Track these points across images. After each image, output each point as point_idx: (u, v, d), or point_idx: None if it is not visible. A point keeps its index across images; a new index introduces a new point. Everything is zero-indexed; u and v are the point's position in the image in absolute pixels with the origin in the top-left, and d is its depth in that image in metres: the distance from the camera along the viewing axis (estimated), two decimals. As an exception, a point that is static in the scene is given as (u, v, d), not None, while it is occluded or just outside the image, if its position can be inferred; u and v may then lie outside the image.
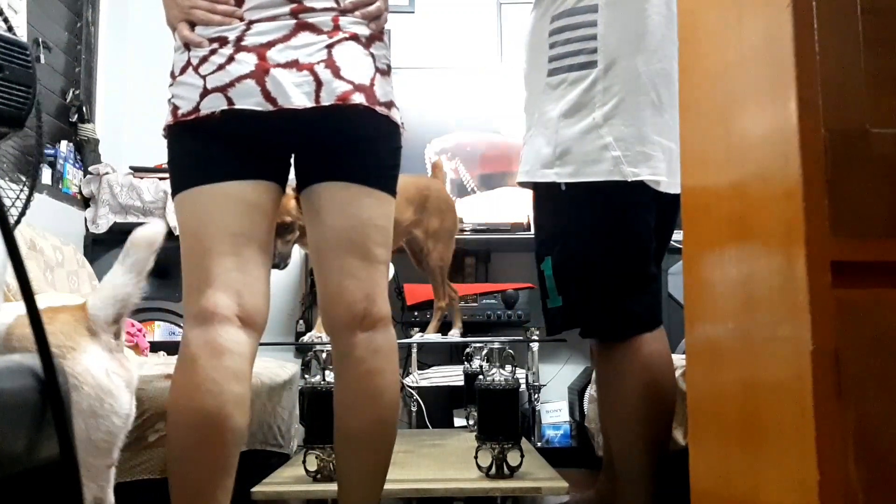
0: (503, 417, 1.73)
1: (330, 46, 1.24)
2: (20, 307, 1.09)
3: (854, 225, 0.91)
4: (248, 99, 1.20)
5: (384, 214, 1.31)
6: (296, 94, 1.21)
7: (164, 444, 1.22)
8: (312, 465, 1.70)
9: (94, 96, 3.18)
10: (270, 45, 1.22)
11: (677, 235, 2.74)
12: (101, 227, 2.88)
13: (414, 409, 2.68)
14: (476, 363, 2.31)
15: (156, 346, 2.60)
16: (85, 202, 2.95)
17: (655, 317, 1.69)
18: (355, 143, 1.29)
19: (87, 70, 3.09)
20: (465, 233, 3.05)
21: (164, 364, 1.75)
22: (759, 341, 1.03)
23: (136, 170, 2.99)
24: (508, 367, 1.80)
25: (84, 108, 2.98)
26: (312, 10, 1.25)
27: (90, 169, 2.95)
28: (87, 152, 2.98)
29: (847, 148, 0.92)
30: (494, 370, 1.79)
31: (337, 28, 1.26)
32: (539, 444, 2.68)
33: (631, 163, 1.59)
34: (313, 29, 1.24)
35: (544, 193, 1.68)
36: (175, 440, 1.15)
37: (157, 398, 1.42)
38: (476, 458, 1.73)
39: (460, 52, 3.45)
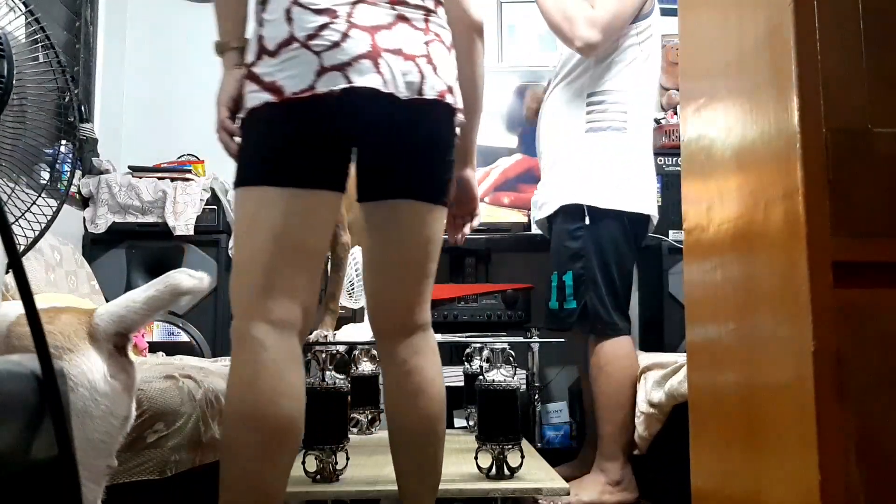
0: (503, 418, 1.73)
1: (427, 43, 1.26)
2: (21, 307, 1.08)
3: (856, 225, 0.91)
4: (366, 77, 1.18)
5: (441, 229, 1.37)
6: (402, 83, 1.21)
7: (223, 447, 1.18)
8: (312, 466, 1.70)
9: (93, 96, 3.18)
10: (377, 28, 1.21)
11: (678, 235, 2.75)
12: (100, 226, 2.88)
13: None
14: (476, 363, 2.30)
15: (155, 347, 2.60)
16: (83, 202, 2.94)
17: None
18: (437, 146, 1.30)
19: (85, 69, 3.09)
20: (465, 233, 3.04)
21: (163, 364, 1.75)
22: (760, 342, 1.03)
23: (135, 169, 2.99)
24: (508, 368, 1.80)
25: (83, 108, 2.97)
26: (407, 4, 1.25)
27: (93, 160, 2.95)
28: (85, 152, 2.98)
29: (848, 147, 0.92)
30: (494, 370, 1.79)
31: (428, 28, 1.27)
32: (539, 444, 2.68)
33: (642, 200, 2.24)
34: (410, 23, 1.25)
35: (574, 222, 2.21)
36: (253, 444, 1.12)
37: (156, 399, 1.42)
38: (476, 458, 1.73)
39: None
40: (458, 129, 1.33)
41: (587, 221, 2.19)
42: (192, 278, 1.03)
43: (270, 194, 1.19)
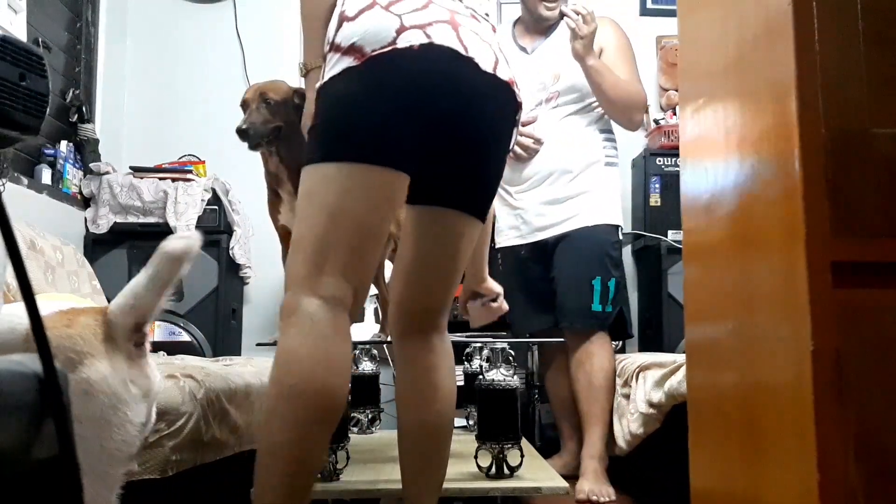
0: (503, 417, 1.74)
1: (496, 40, 1.30)
2: (43, 307, 1.05)
3: (855, 225, 0.91)
4: (447, 38, 1.19)
5: (475, 242, 1.40)
6: (482, 55, 1.23)
7: (264, 415, 1.18)
8: (312, 465, 1.70)
9: (94, 96, 3.18)
10: (454, 12, 1.24)
11: (677, 235, 2.75)
12: (102, 227, 2.88)
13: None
14: (476, 363, 2.31)
15: (156, 346, 2.60)
16: (85, 202, 2.95)
17: None
18: (500, 141, 1.32)
19: (86, 70, 3.09)
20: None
21: (165, 364, 1.75)
22: (759, 341, 1.03)
23: (136, 170, 2.99)
24: (508, 368, 1.80)
25: (84, 108, 2.98)
26: (476, 11, 1.30)
27: (91, 166, 2.95)
28: (86, 152, 2.98)
29: (847, 148, 0.92)
30: (494, 370, 1.79)
31: (493, 34, 1.32)
32: (539, 444, 2.68)
33: None
34: (478, 20, 1.29)
35: (615, 235, 2.49)
36: (297, 412, 1.13)
37: (157, 399, 1.42)
38: (476, 458, 1.73)
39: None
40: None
41: (621, 237, 2.52)
42: (180, 239, 1.01)
43: (332, 170, 1.19)
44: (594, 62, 2.38)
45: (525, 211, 2.51)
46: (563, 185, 2.47)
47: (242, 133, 1.67)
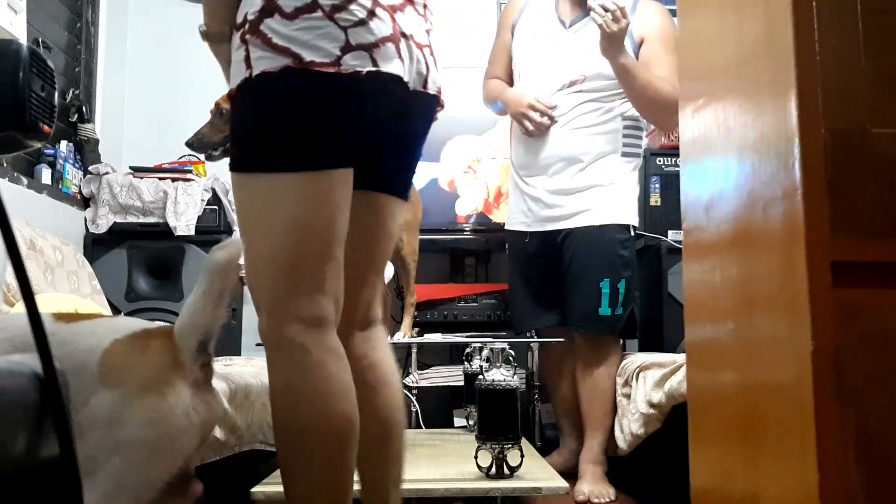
0: (503, 417, 1.74)
1: (428, 32, 1.24)
2: (116, 327, 1.01)
3: (854, 225, 0.91)
4: (392, 63, 1.13)
5: (401, 224, 1.38)
6: (414, 72, 1.19)
7: (284, 458, 1.12)
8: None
9: (94, 96, 3.18)
10: (394, 9, 1.16)
11: (677, 235, 2.76)
12: (101, 227, 2.88)
13: (415, 409, 2.68)
14: (476, 363, 2.31)
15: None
16: (85, 202, 2.95)
17: None
18: (420, 140, 1.31)
19: (86, 70, 3.09)
20: (465, 233, 3.05)
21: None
22: (759, 341, 1.03)
23: (136, 170, 2.99)
24: (508, 367, 1.80)
25: (84, 108, 2.98)
26: None
27: (90, 169, 2.95)
28: (86, 152, 2.98)
29: (847, 148, 0.92)
30: (494, 370, 1.79)
31: (426, 15, 1.25)
32: (539, 444, 2.68)
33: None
34: (414, 7, 1.21)
35: (626, 234, 2.40)
36: (319, 448, 1.08)
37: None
38: (476, 458, 1.73)
39: (458, 51, 3.45)
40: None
41: (632, 234, 2.43)
42: (222, 249, 1.00)
43: (288, 181, 1.10)
44: (625, 61, 2.23)
45: (532, 197, 2.45)
46: (571, 175, 2.38)
47: (188, 145, 1.69)
